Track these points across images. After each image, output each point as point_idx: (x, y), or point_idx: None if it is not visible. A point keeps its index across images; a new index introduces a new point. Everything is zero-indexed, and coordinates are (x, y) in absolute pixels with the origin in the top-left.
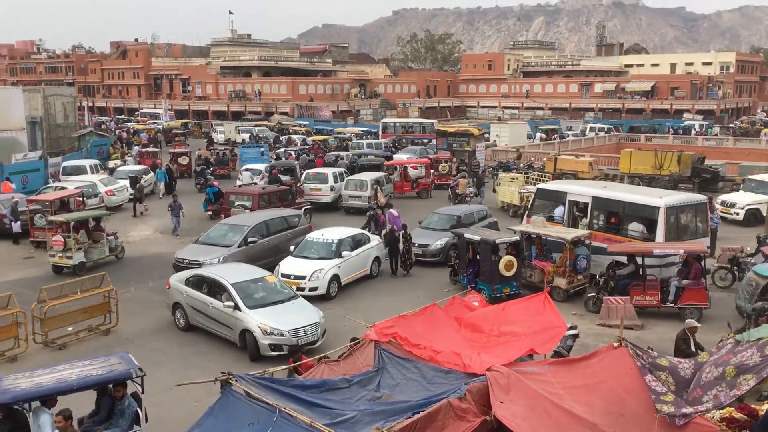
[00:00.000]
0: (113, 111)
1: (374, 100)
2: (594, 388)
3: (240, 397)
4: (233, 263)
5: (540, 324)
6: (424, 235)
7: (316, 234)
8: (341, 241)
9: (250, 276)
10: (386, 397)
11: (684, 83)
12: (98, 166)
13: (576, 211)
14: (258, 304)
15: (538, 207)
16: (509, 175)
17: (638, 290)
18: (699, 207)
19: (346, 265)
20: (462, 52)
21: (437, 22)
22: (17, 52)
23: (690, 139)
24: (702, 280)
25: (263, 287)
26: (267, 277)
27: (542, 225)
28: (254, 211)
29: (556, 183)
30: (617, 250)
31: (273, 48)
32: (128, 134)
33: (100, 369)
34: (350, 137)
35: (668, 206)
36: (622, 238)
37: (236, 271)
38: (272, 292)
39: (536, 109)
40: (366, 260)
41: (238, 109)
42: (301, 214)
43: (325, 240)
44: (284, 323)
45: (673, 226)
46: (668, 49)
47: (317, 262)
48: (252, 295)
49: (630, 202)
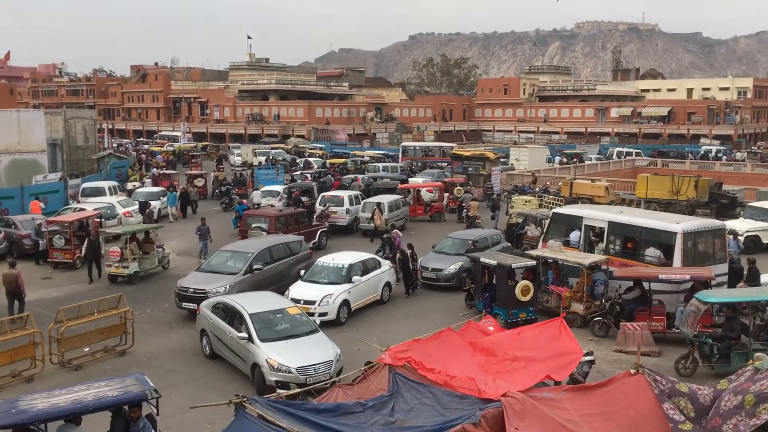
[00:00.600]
0: (132, 133)
1: (390, 124)
2: (611, 416)
3: (254, 421)
4: (261, 292)
5: (556, 350)
6: (437, 259)
7: (326, 258)
8: (352, 266)
9: (271, 306)
10: (400, 422)
11: (701, 108)
12: (117, 187)
13: (592, 236)
14: (273, 337)
15: (553, 231)
16: (522, 198)
17: (644, 315)
18: (717, 233)
19: (356, 290)
20: (478, 76)
21: (453, 47)
22: (39, 75)
23: (707, 164)
24: None
25: (283, 319)
26: (289, 309)
27: (559, 250)
28: (256, 238)
29: (572, 207)
30: (622, 275)
31: (290, 72)
32: (146, 156)
33: (115, 390)
34: (368, 160)
35: (685, 232)
36: (638, 264)
37: (259, 299)
38: (292, 325)
39: (552, 133)
40: (377, 285)
41: (255, 132)
42: (302, 239)
43: (335, 265)
44: (294, 360)
45: (690, 251)
46: (685, 74)
47: (327, 287)
48: (270, 326)
49: (647, 227)
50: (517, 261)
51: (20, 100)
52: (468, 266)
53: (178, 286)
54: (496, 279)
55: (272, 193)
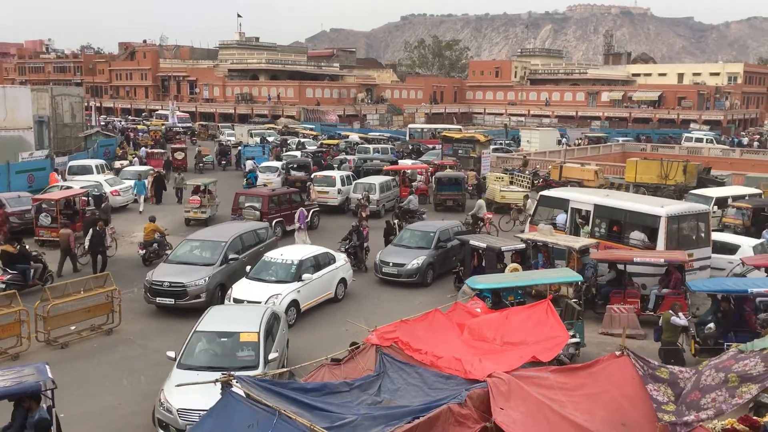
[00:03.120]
0: (120, 111)
1: (381, 105)
2: (595, 397)
3: (240, 399)
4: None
5: (542, 332)
6: (398, 253)
7: (274, 253)
8: (302, 262)
9: (226, 327)
10: (387, 402)
11: (691, 93)
12: (104, 166)
13: (578, 219)
14: (196, 365)
15: (541, 213)
16: (494, 174)
17: (618, 298)
18: (701, 216)
19: (306, 289)
20: (469, 58)
21: (445, 28)
22: (26, 51)
23: (696, 149)
24: (682, 289)
25: (225, 345)
26: (243, 334)
27: (550, 233)
28: (219, 225)
29: (559, 190)
30: (598, 258)
31: (281, 51)
32: (135, 135)
33: (9, 380)
34: (359, 141)
35: (669, 215)
36: (623, 247)
37: (227, 315)
38: (227, 355)
39: (543, 116)
40: (330, 282)
41: (245, 112)
42: (269, 226)
43: (284, 261)
44: (183, 399)
45: (674, 235)
46: (676, 59)
47: (274, 286)
48: (204, 350)
49: (632, 210)
50: (507, 244)
51: (6, 76)
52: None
53: (148, 280)
54: (486, 262)
55: (271, 168)
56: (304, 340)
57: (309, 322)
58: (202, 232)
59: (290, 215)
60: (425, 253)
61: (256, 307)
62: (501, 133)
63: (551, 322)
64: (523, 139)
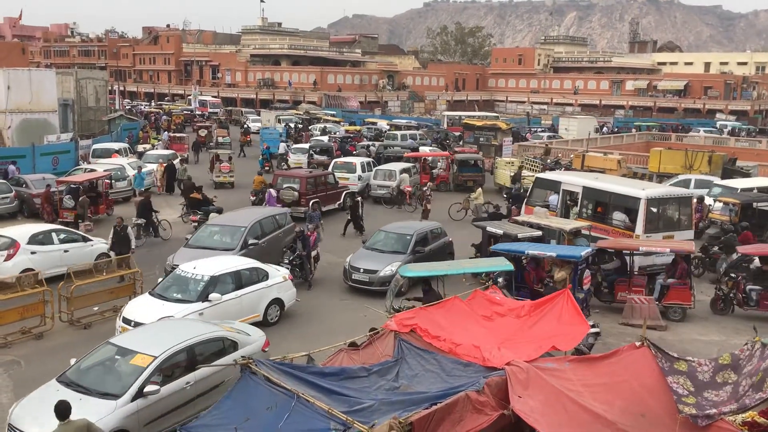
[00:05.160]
0: (144, 96)
1: (402, 92)
2: (614, 387)
3: (259, 382)
4: (178, 320)
5: (562, 322)
6: (370, 258)
7: (187, 266)
8: (215, 278)
9: (127, 344)
10: (404, 388)
11: (718, 83)
12: (127, 149)
13: (569, 200)
14: (75, 382)
15: (536, 195)
16: (504, 159)
17: (623, 286)
18: (683, 200)
19: (213, 311)
20: (492, 45)
21: (468, 15)
22: (51, 35)
23: (722, 139)
24: (687, 279)
25: (107, 369)
26: (135, 358)
27: (544, 216)
28: (238, 210)
29: (553, 173)
30: (605, 246)
31: (303, 37)
32: (158, 119)
33: None
34: (386, 128)
35: (649, 198)
36: (606, 227)
37: (148, 333)
38: (102, 379)
39: (566, 105)
40: (257, 303)
41: (266, 97)
42: (288, 212)
43: (193, 276)
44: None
45: (654, 217)
46: (703, 47)
47: (172, 307)
48: (83, 375)
49: (615, 192)
50: (523, 231)
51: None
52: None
53: (170, 264)
54: None
55: (302, 150)
56: (321, 326)
57: (327, 310)
58: (221, 217)
59: (326, 197)
60: (401, 258)
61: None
62: (523, 121)
63: (571, 312)
64: (561, 127)
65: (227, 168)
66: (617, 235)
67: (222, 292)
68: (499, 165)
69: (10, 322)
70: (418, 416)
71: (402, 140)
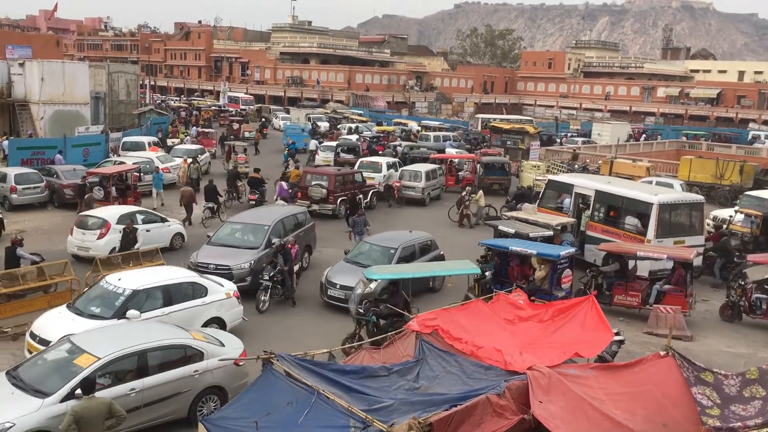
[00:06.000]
0: (174, 90)
1: (430, 93)
2: (637, 396)
3: (280, 377)
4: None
5: (585, 328)
6: (348, 272)
7: (112, 277)
8: (137, 293)
9: (81, 341)
10: (424, 389)
11: (752, 92)
12: (157, 143)
13: (581, 203)
14: (16, 375)
15: (548, 197)
16: (530, 163)
17: (620, 290)
18: (694, 206)
19: None
20: (522, 48)
21: (499, 17)
22: (85, 28)
23: (754, 149)
24: (684, 286)
25: (53, 366)
26: (80, 358)
27: (533, 212)
28: (258, 208)
29: (566, 176)
30: (605, 249)
31: (332, 36)
32: (187, 114)
33: None
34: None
35: (661, 203)
36: (618, 231)
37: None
38: (43, 376)
39: (595, 110)
40: (190, 322)
41: (295, 95)
42: (306, 211)
43: (115, 288)
44: None
45: (665, 222)
46: (737, 56)
47: (83, 323)
48: (34, 367)
49: (627, 197)
50: (535, 230)
51: (66, 52)
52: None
53: (194, 262)
54: None
55: (330, 147)
56: (342, 324)
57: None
58: (243, 214)
59: (353, 195)
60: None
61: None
62: (551, 125)
63: (595, 319)
64: (594, 132)
65: (243, 159)
66: (629, 239)
67: (149, 308)
68: (525, 168)
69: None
70: (437, 417)
71: (435, 141)
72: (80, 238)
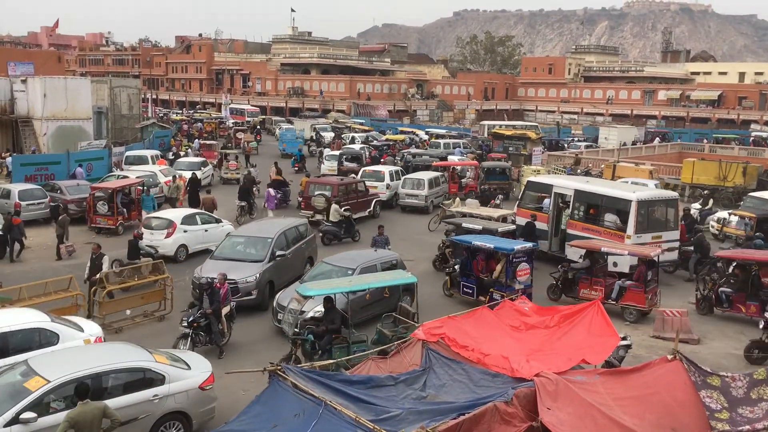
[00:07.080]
0: (176, 104)
1: (431, 101)
2: (645, 400)
3: (287, 388)
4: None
5: (592, 333)
6: None
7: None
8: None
9: (36, 364)
10: (432, 397)
11: (753, 93)
12: (159, 156)
13: (561, 203)
14: None
15: (528, 198)
16: (531, 168)
17: (586, 284)
18: (670, 202)
19: None
20: (522, 54)
21: (498, 24)
22: (87, 44)
23: (757, 150)
24: (644, 283)
25: (6, 389)
26: (31, 381)
27: (475, 207)
28: (258, 221)
29: (545, 177)
30: (575, 245)
31: (333, 46)
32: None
33: None
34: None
35: (639, 200)
36: (599, 228)
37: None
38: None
39: (596, 114)
40: None
41: (296, 106)
42: (307, 222)
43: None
44: None
45: (643, 219)
46: (737, 57)
47: None
48: None
49: (606, 195)
50: (502, 225)
51: (68, 67)
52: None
53: (198, 276)
54: None
55: (334, 156)
56: None
57: None
58: (245, 228)
59: (357, 204)
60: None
61: None
62: (553, 130)
63: (601, 324)
64: (601, 136)
65: (234, 166)
66: (609, 236)
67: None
68: (526, 173)
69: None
70: (445, 426)
71: (445, 148)
72: (149, 238)
